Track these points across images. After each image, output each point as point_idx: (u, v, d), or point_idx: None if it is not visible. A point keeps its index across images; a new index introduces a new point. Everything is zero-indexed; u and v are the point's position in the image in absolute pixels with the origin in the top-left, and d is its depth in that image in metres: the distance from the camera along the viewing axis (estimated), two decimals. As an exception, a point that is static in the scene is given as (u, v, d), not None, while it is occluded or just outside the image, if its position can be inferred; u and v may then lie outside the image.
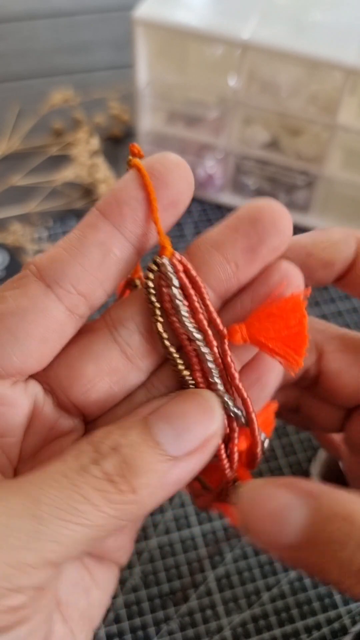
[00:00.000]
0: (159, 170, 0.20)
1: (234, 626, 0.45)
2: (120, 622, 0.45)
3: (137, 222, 0.20)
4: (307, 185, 0.68)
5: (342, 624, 0.45)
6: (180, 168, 0.20)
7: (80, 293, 0.19)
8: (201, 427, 0.19)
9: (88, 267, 0.19)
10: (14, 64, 0.89)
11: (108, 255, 0.19)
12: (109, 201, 0.20)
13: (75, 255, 0.19)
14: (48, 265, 0.19)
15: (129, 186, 0.20)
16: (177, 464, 0.18)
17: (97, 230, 0.19)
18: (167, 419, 0.19)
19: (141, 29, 0.59)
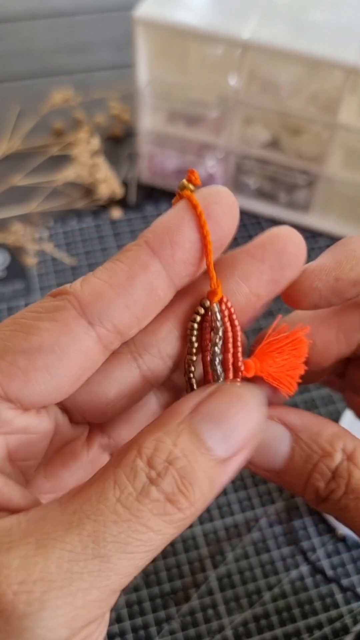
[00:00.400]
0: (216, 212, 0.19)
1: (235, 625, 0.45)
2: (122, 622, 0.45)
3: (187, 266, 0.19)
4: (308, 185, 0.68)
5: (344, 624, 0.45)
6: (234, 210, 0.20)
7: (119, 332, 0.19)
8: (247, 425, 0.18)
9: (132, 307, 0.19)
10: (14, 64, 0.89)
11: (152, 296, 0.19)
12: (161, 239, 0.19)
13: (121, 294, 0.18)
14: (92, 301, 0.18)
15: (184, 225, 0.19)
16: (228, 467, 0.18)
17: (147, 271, 0.19)
18: (213, 419, 0.18)
19: (141, 29, 0.59)
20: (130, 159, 0.76)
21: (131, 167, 0.75)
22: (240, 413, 0.18)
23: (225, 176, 0.70)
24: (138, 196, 0.72)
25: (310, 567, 0.48)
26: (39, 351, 0.18)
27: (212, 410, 0.18)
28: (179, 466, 0.17)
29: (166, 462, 0.17)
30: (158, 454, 0.17)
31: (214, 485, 0.17)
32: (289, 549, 0.49)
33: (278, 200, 0.70)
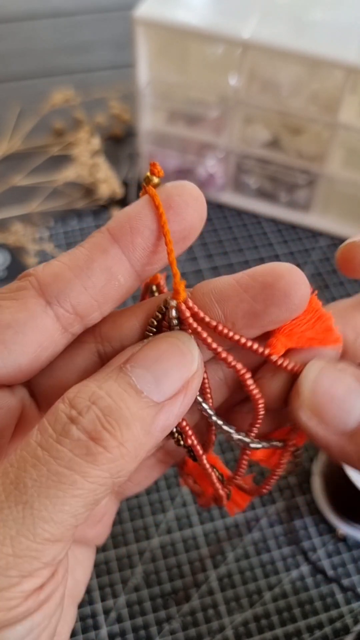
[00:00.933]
0: (177, 203, 0.19)
1: (235, 625, 0.45)
2: (122, 622, 0.45)
3: (146, 252, 0.20)
4: (308, 184, 0.68)
5: (344, 623, 0.45)
6: (197, 202, 0.20)
7: (77, 313, 0.19)
8: (180, 369, 0.18)
9: (90, 289, 0.19)
10: (15, 64, 0.89)
11: (112, 280, 0.19)
12: (122, 226, 0.19)
13: (79, 275, 0.19)
14: (50, 281, 0.19)
15: (144, 215, 0.19)
16: (162, 410, 0.18)
17: (106, 254, 0.19)
18: (144, 364, 0.18)
19: (141, 29, 0.59)
20: (131, 158, 0.76)
21: (131, 167, 0.75)
22: (172, 357, 0.18)
23: (226, 176, 0.70)
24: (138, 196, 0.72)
25: (311, 567, 0.48)
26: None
27: (144, 355, 0.18)
28: (103, 405, 0.17)
29: (88, 402, 0.17)
30: (80, 394, 0.17)
31: (148, 428, 0.17)
32: (289, 549, 0.49)
33: (278, 199, 0.70)
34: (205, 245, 0.68)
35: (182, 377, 0.18)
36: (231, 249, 0.68)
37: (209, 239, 0.68)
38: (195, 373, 0.19)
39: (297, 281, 0.19)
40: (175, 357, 0.18)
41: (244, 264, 0.67)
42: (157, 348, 0.18)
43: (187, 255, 0.67)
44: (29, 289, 0.19)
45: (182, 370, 0.18)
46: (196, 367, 0.19)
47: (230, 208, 0.72)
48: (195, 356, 0.19)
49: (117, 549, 0.48)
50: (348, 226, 0.69)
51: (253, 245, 0.69)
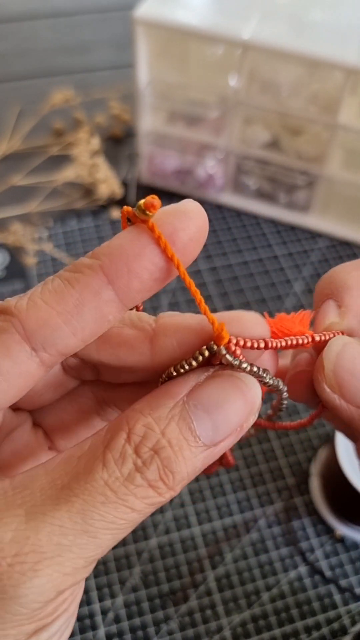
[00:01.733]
0: (180, 238, 0.18)
1: (233, 626, 0.45)
2: (120, 622, 0.45)
3: (142, 294, 0.18)
4: (308, 185, 0.68)
5: (342, 624, 0.45)
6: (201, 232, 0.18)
7: (62, 355, 0.19)
8: (240, 415, 0.18)
9: (79, 334, 0.18)
10: (15, 64, 0.89)
11: (101, 322, 0.18)
12: (118, 266, 0.17)
13: (68, 322, 0.18)
14: (37, 328, 0.18)
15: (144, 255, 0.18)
16: (212, 453, 0.18)
17: (98, 297, 0.18)
18: (206, 406, 0.18)
19: (141, 29, 0.59)
20: (130, 159, 0.76)
21: (131, 168, 0.75)
22: (234, 403, 0.18)
23: (225, 176, 0.70)
24: (138, 196, 0.72)
25: (309, 568, 0.48)
26: None
27: (206, 397, 0.18)
28: (164, 456, 0.17)
29: (152, 451, 0.17)
30: (145, 442, 0.17)
31: (194, 471, 0.18)
32: (287, 550, 0.49)
33: (278, 200, 0.70)
34: (205, 246, 0.68)
35: (239, 422, 0.18)
36: (230, 249, 0.68)
37: (208, 239, 0.68)
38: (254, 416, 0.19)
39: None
40: (238, 403, 0.18)
41: (242, 264, 0.67)
42: (221, 389, 0.18)
43: (186, 255, 0.67)
44: (12, 333, 0.18)
45: (241, 417, 0.18)
46: (256, 411, 0.19)
47: (230, 209, 0.72)
48: (256, 403, 0.19)
49: (115, 550, 0.48)
50: (347, 227, 0.69)
51: (252, 246, 0.69)
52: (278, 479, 0.52)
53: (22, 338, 0.18)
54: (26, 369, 0.18)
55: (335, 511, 0.49)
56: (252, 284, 0.65)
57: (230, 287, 0.65)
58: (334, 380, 0.20)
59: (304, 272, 0.66)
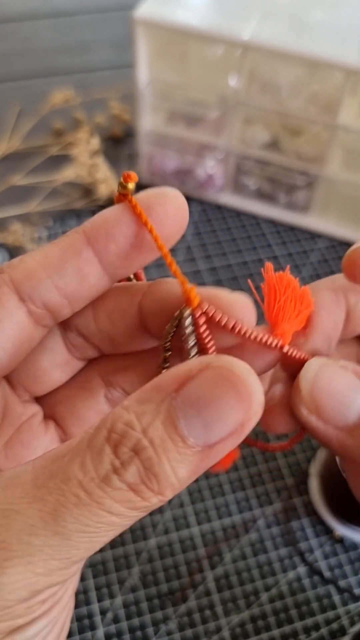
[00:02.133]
0: (157, 213, 0.19)
1: (232, 627, 0.45)
2: (119, 622, 0.45)
3: (119, 258, 0.20)
4: (308, 186, 0.68)
5: (341, 625, 0.45)
6: (179, 212, 0.20)
7: (48, 309, 0.20)
8: (237, 412, 0.16)
9: (61, 289, 0.20)
10: (15, 63, 0.89)
11: (83, 281, 0.20)
12: (97, 229, 0.20)
13: (51, 275, 0.20)
14: (23, 280, 0.20)
15: (122, 222, 0.20)
16: (207, 456, 0.16)
17: (78, 256, 0.20)
18: (195, 405, 0.16)
19: (141, 29, 0.59)
20: (130, 159, 0.76)
21: (131, 168, 0.75)
22: (227, 399, 0.16)
23: (225, 177, 0.70)
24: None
25: (308, 568, 0.48)
26: None
27: (196, 392, 0.16)
28: (145, 457, 0.16)
29: (132, 452, 0.16)
30: (125, 442, 0.16)
31: (187, 475, 0.16)
32: (286, 550, 0.49)
33: (278, 201, 0.70)
34: (204, 246, 0.68)
35: (237, 420, 0.16)
36: (230, 250, 0.68)
37: (207, 240, 0.69)
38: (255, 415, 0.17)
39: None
40: (232, 400, 0.16)
41: (242, 265, 0.67)
42: (213, 383, 0.16)
43: (185, 256, 0.67)
44: (2, 287, 0.20)
45: (238, 414, 0.16)
46: (256, 408, 0.17)
47: (229, 209, 0.72)
48: (255, 396, 0.16)
49: (114, 549, 0.48)
50: (347, 228, 0.69)
51: (252, 246, 0.69)
52: (277, 480, 0.52)
53: (10, 290, 0.20)
54: (17, 319, 0.20)
55: (334, 512, 0.49)
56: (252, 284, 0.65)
57: (229, 288, 0.65)
58: (311, 402, 0.20)
59: (303, 273, 0.66)
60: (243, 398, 0.16)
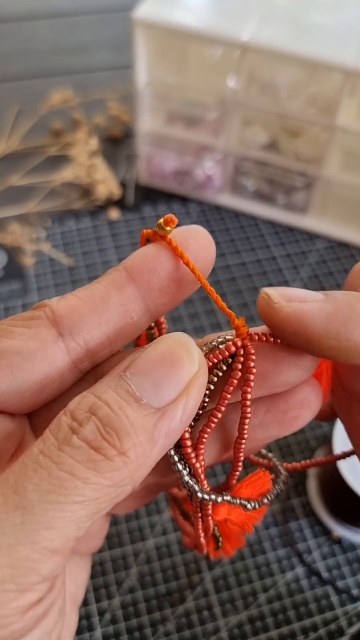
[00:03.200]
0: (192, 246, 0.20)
1: (230, 627, 0.45)
2: (117, 623, 0.45)
3: (161, 293, 0.20)
4: (306, 187, 0.68)
5: (339, 626, 0.45)
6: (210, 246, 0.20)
7: (88, 349, 0.19)
8: (180, 371, 0.18)
9: (104, 325, 0.19)
10: (14, 64, 0.89)
11: (125, 318, 0.20)
12: (139, 266, 0.20)
13: (95, 310, 0.19)
14: (65, 314, 0.19)
15: (162, 257, 0.20)
16: (164, 415, 0.17)
17: (122, 292, 0.20)
18: (142, 370, 0.17)
19: (141, 30, 0.59)
20: (129, 159, 0.76)
21: (129, 168, 0.75)
22: (170, 360, 0.18)
23: (224, 178, 0.70)
24: (136, 197, 0.72)
25: (306, 569, 0.48)
26: (7, 352, 0.18)
27: (141, 363, 0.18)
28: (102, 414, 0.16)
29: (88, 412, 0.17)
30: (80, 405, 0.17)
31: (150, 435, 0.17)
32: (284, 551, 0.49)
33: (276, 202, 0.70)
34: (203, 246, 0.68)
35: (182, 379, 0.18)
36: (228, 250, 0.68)
37: (206, 240, 0.68)
38: (197, 374, 0.18)
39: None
40: (174, 359, 0.18)
41: (241, 265, 0.67)
42: (155, 352, 0.18)
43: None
44: (42, 319, 0.19)
45: (181, 372, 0.18)
46: (197, 367, 0.18)
47: (228, 210, 0.72)
48: (194, 356, 0.18)
49: (112, 550, 0.48)
50: (345, 229, 0.69)
51: (250, 247, 0.69)
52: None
53: (51, 323, 0.19)
54: (52, 353, 0.19)
55: (332, 513, 0.49)
56: (250, 284, 0.65)
57: (228, 288, 0.65)
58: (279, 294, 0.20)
59: (302, 274, 0.66)
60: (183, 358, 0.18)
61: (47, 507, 0.15)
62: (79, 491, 0.16)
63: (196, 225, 0.21)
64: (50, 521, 0.15)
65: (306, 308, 0.19)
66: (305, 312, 0.18)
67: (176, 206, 0.71)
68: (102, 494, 0.16)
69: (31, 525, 0.15)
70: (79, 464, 0.16)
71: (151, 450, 0.17)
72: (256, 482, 0.23)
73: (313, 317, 0.18)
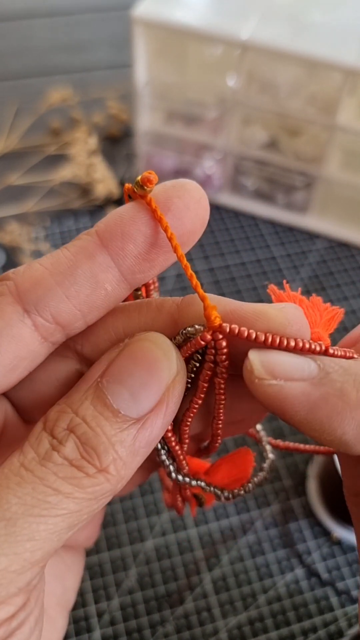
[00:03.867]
0: (177, 206, 0.18)
1: (230, 628, 0.45)
2: (116, 624, 0.44)
3: (138, 260, 0.18)
4: (306, 186, 0.68)
5: (338, 627, 0.45)
6: (199, 205, 0.18)
7: (58, 323, 0.18)
8: (158, 378, 0.17)
9: (73, 299, 0.18)
10: (12, 62, 0.88)
11: (97, 289, 0.18)
12: (112, 230, 0.18)
13: (61, 283, 0.17)
14: (30, 288, 0.17)
15: (139, 219, 0.18)
16: (143, 426, 0.17)
17: (92, 261, 0.17)
18: (119, 379, 0.17)
19: (140, 28, 0.59)
20: (128, 159, 0.76)
21: (128, 167, 0.75)
22: (147, 367, 0.17)
23: (223, 177, 0.70)
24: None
25: (306, 570, 0.48)
26: None
27: (117, 370, 0.17)
28: (80, 433, 0.16)
29: (66, 430, 0.16)
30: (59, 423, 0.17)
31: (130, 447, 0.17)
32: (284, 552, 0.48)
33: (276, 201, 0.70)
34: (202, 246, 0.68)
35: (161, 386, 0.17)
36: (228, 250, 0.68)
37: (205, 240, 0.68)
38: (176, 378, 0.17)
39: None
40: (151, 365, 0.17)
41: (240, 265, 0.67)
42: (131, 358, 0.17)
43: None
44: (5, 295, 0.17)
45: (159, 379, 0.17)
46: (175, 371, 0.17)
47: (228, 209, 0.72)
48: (173, 360, 0.17)
49: (111, 551, 0.47)
50: (345, 228, 0.69)
51: (250, 247, 0.69)
52: (275, 481, 0.52)
53: (15, 300, 0.17)
54: (18, 332, 0.17)
55: (332, 513, 0.49)
56: (250, 285, 0.65)
57: (227, 289, 0.65)
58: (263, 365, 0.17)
59: (302, 274, 0.66)
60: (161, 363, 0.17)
61: (30, 520, 0.15)
62: (62, 505, 0.16)
63: (185, 180, 0.18)
64: (33, 533, 0.15)
65: (288, 392, 0.16)
66: (286, 396, 0.16)
67: (175, 205, 0.71)
68: (83, 507, 0.16)
69: (14, 537, 0.15)
70: (61, 480, 0.16)
71: (132, 462, 0.17)
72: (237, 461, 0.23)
73: (294, 404, 0.16)
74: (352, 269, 0.67)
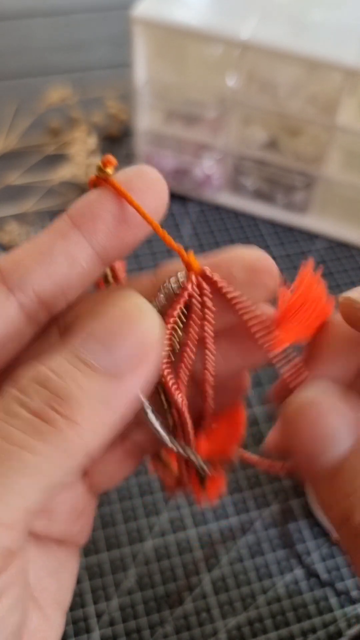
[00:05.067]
0: (137, 186, 0.19)
1: (229, 629, 0.45)
2: (115, 625, 0.44)
3: (109, 237, 0.20)
4: (306, 186, 0.67)
5: (338, 627, 0.45)
6: (158, 185, 0.20)
7: (41, 300, 0.19)
8: (135, 332, 0.17)
9: (53, 275, 0.19)
10: (11, 62, 0.88)
11: (74, 265, 0.19)
12: (82, 211, 0.19)
13: (41, 262, 0.19)
14: (12, 268, 0.19)
15: (105, 199, 0.19)
16: (122, 380, 0.17)
17: (67, 240, 0.19)
18: (95, 336, 0.17)
19: (139, 28, 0.59)
20: (127, 159, 0.76)
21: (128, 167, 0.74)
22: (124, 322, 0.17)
23: (223, 177, 0.70)
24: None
25: (305, 571, 0.48)
26: None
27: (92, 326, 0.17)
28: (51, 385, 0.16)
29: (36, 384, 0.16)
30: (29, 377, 0.16)
31: (108, 402, 0.16)
32: (283, 552, 0.48)
33: (276, 201, 0.70)
34: (202, 246, 0.68)
35: (138, 340, 0.17)
36: (227, 250, 0.68)
37: (205, 240, 0.68)
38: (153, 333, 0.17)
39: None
40: (128, 321, 0.17)
41: (240, 265, 0.67)
42: (107, 316, 0.17)
43: (183, 256, 0.67)
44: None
45: (137, 333, 0.17)
46: (152, 326, 0.17)
47: (227, 209, 0.72)
48: (149, 316, 0.17)
49: (110, 551, 0.47)
50: (345, 229, 0.69)
51: (249, 246, 0.69)
52: (274, 481, 0.52)
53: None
54: (5, 312, 0.19)
55: (331, 514, 0.49)
56: (249, 285, 0.65)
57: (227, 288, 0.65)
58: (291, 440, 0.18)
59: (301, 274, 0.66)
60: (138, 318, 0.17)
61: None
62: (28, 463, 0.15)
63: (142, 165, 0.20)
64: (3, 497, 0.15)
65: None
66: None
67: (175, 206, 0.71)
68: (53, 466, 0.16)
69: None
70: (25, 434, 0.15)
71: (106, 417, 0.16)
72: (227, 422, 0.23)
73: None
74: (352, 269, 0.67)
